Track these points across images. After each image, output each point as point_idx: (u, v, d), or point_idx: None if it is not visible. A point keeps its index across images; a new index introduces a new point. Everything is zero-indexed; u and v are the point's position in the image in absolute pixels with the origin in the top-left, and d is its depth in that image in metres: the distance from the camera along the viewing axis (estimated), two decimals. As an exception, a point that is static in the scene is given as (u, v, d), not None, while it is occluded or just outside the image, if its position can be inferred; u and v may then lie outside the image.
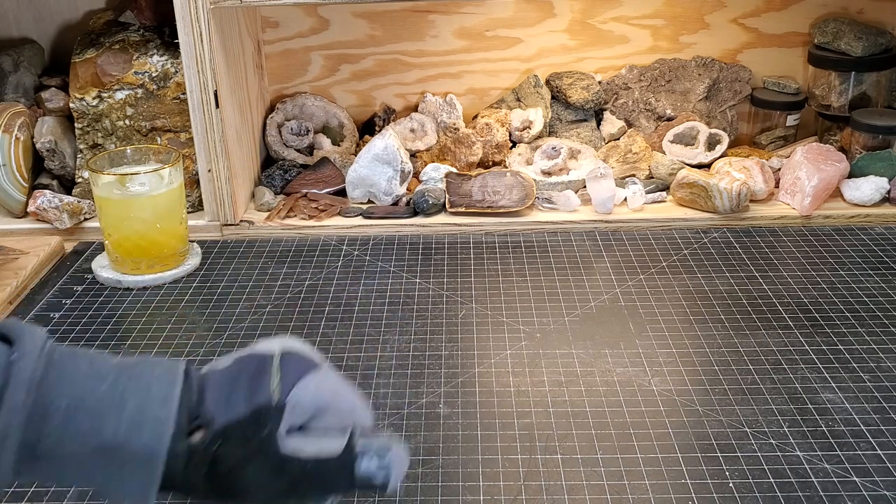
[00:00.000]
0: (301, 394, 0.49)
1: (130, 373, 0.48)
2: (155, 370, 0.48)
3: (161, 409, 0.47)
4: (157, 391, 0.48)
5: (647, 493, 0.62)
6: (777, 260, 0.96)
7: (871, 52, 1.14)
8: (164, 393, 0.48)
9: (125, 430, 0.46)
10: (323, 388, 0.50)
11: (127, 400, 0.47)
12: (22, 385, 0.45)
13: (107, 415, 0.47)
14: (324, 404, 0.50)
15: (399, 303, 0.89)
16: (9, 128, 1.06)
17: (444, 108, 1.22)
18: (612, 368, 0.77)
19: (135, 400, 0.47)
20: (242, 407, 0.48)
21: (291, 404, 0.49)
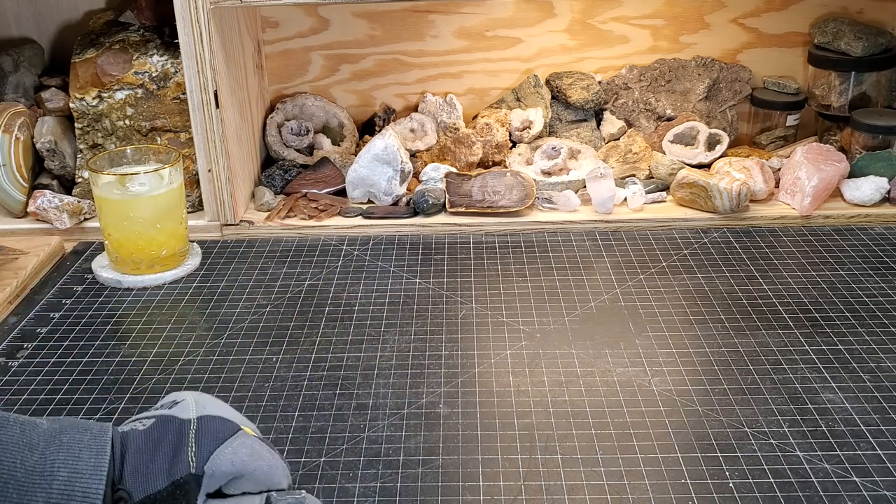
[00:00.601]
0: (218, 463, 0.51)
1: (60, 442, 0.49)
2: (84, 437, 0.49)
3: (90, 481, 0.48)
4: (85, 462, 0.48)
5: (646, 493, 0.62)
6: (777, 260, 0.96)
7: (871, 52, 1.15)
8: (94, 463, 0.48)
9: (55, 502, 0.47)
10: (240, 453, 0.52)
11: (57, 471, 0.47)
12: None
13: (37, 487, 0.47)
14: (241, 470, 0.51)
15: (399, 303, 0.89)
16: (9, 128, 1.06)
17: (444, 108, 1.22)
18: (612, 368, 0.77)
19: (65, 472, 0.47)
20: (161, 480, 0.49)
21: (209, 474, 0.50)
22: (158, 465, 0.50)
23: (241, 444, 0.52)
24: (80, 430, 0.50)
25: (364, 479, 0.64)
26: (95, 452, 0.49)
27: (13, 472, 0.47)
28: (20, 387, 0.77)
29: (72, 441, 0.49)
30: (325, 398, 0.74)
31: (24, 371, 0.79)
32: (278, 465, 0.53)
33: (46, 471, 0.47)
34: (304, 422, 0.71)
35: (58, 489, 0.47)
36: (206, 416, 0.53)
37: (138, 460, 0.50)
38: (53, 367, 0.79)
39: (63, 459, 0.48)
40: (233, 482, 0.51)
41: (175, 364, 0.80)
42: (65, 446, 0.49)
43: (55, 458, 0.48)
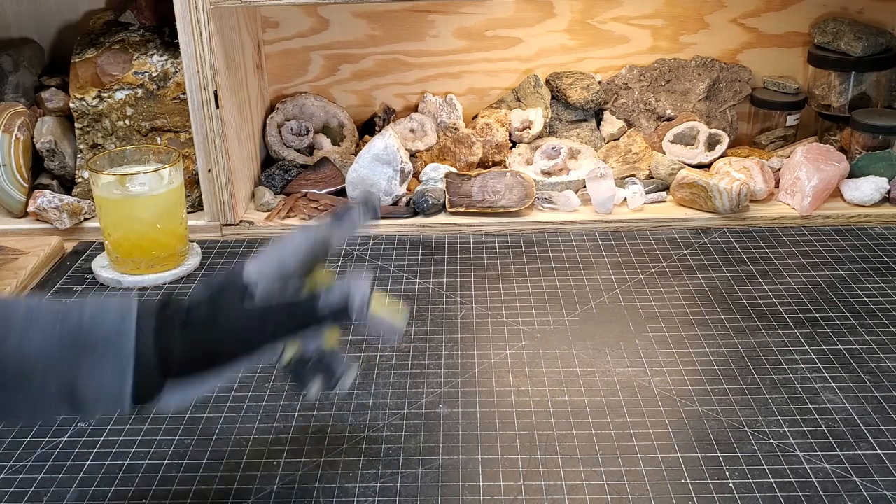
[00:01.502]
0: (249, 269, 0.53)
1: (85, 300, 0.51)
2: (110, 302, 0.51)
3: (121, 305, 0.50)
4: (113, 301, 0.51)
5: (647, 493, 0.62)
6: (777, 260, 0.96)
7: (871, 52, 1.15)
8: (121, 301, 0.50)
9: (88, 317, 0.48)
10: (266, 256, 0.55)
11: (85, 305, 0.49)
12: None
13: (69, 313, 0.48)
14: (273, 269, 0.54)
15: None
16: (9, 128, 1.06)
17: (444, 108, 1.22)
18: (612, 368, 0.77)
19: (92, 303, 0.49)
20: (210, 289, 0.52)
21: (246, 280, 0.53)
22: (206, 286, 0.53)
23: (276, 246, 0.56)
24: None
25: (364, 479, 0.64)
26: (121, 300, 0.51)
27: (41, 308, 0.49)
28: (20, 387, 0.77)
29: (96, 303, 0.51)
30: (325, 398, 0.74)
31: (24, 371, 0.79)
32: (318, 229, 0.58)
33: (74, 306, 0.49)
34: (304, 422, 0.71)
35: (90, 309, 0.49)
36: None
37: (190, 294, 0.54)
38: (53, 367, 0.79)
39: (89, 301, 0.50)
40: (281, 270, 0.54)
41: (175, 364, 0.80)
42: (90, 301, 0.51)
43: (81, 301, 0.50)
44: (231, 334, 0.50)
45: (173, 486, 0.64)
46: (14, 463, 0.67)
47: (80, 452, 0.68)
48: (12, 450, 0.69)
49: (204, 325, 0.50)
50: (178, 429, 0.71)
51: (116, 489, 0.64)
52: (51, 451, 0.68)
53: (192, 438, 0.69)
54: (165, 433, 0.70)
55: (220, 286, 0.52)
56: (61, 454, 0.68)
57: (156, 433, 0.70)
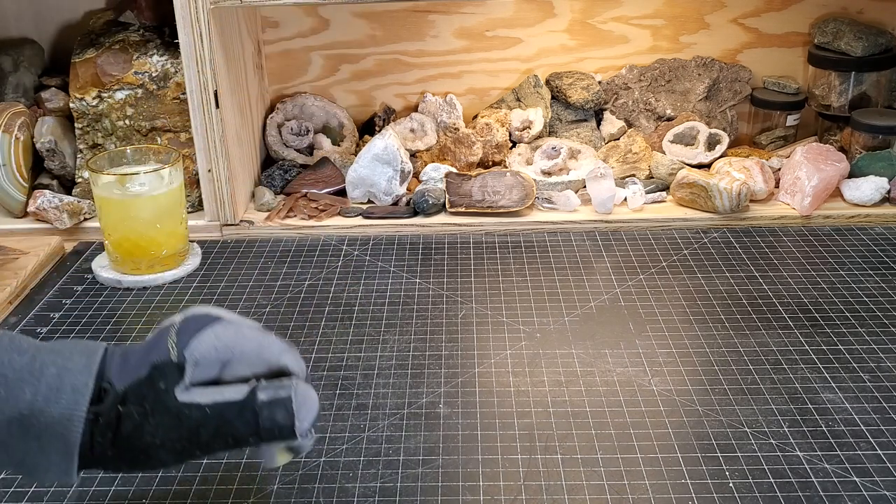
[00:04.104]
0: (199, 347, 0.48)
1: (51, 347, 0.48)
2: (76, 346, 0.49)
3: (79, 376, 0.47)
4: (76, 362, 0.48)
5: (647, 493, 0.62)
6: (777, 260, 0.96)
7: (871, 52, 1.15)
8: (84, 362, 0.48)
9: (43, 397, 0.46)
10: (222, 337, 0.49)
11: (46, 369, 0.47)
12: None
13: (25, 383, 0.46)
14: (226, 353, 0.49)
15: (399, 303, 0.89)
16: (9, 128, 1.06)
17: (444, 108, 1.22)
18: (612, 368, 0.77)
19: (54, 369, 0.47)
20: (142, 369, 0.48)
21: (192, 361, 0.48)
22: (139, 358, 0.49)
23: (224, 328, 0.50)
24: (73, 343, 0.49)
25: (364, 479, 0.64)
26: (86, 355, 0.48)
27: (1, 370, 0.46)
28: (20, 387, 0.77)
29: (63, 347, 0.48)
30: (325, 398, 0.74)
31: (24, 371, 0.79)
32: (272, 344, 0.51)
33: (36, 370, 0.47)
34: (304, 422, 0.71)
35: (46, 384, 0.46)
36: (190, 315, 0.51)
37: (122, 360, 0.49)
38: (53, 367, 0.79)
39: (53, 360, 0.47)
40: (226, 369, 0.49)
41: (175, 364, 0.80)
42: (55, 350, 0.48)
43: (45, 359, 0.47)
44: (159, 449, 0.47)
45: (173, 486, 0.64)
46: (14, 463, 0.67)
47: (80, 452, 0.68)
48: (12, 450, 0.68)
49: (132, 438, 0.47)
50: (178, 429, 0.71)
51: (116, 489, 0.64)
52: (51, 451, 0.68)
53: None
54: (165, 433, 0.70)
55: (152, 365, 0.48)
56: (61, 454, 0.68)
57: (156, 433, 0.70)
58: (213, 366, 0.49)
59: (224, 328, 0.50)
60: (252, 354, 0.50)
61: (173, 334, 0.50)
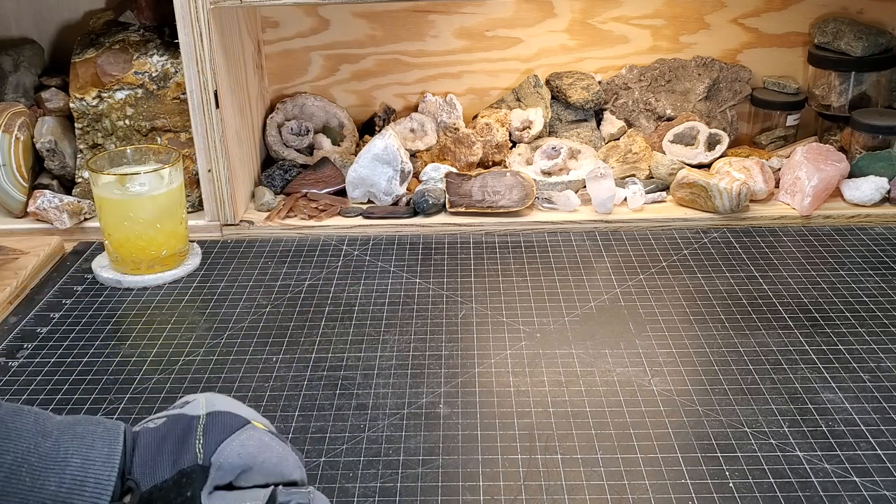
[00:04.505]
0: (225, 454, 0.51)
1: (73, 431, 0.49)
2: (97, 429, 0.50)
3: (102, 469, 0.48)
4: (98, 451, 0.49)
5: (647, 493, 0.62)
6: (777, 260, 0.96)
7: (871, 52, 1.15)
8: (107, 452, 0.49)
9: (67, 488, 0.47)
10: (247, 445, 0.52)
11: (70, 458, 0.48)
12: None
13: (50, 472, 0.47)
14: (249, 462, 0.51)
15: (399, 303, 0.89)
16: (9, 128, 1.06)
17: (444, 108, 1.22)
18: (612, 368, 0.77)
19: (78, 459, 0.48)
20: (167, 470, 0.50)
21: (216, 466, 0.50)
22: (166, 456, 0.50)
23: (249, 437, 0.52)
24: (93, 423, 0.50)
25: (364, 479, 0.64)
26: (108, 443, 0.49)
27: (27, 457, 0.48)
28: (20, 387, 0.77)
29: (85, 432, 0.49)
30: (325, 398, 0.74)
31: (24, 371, 0.79)
32: (289, 457, 0.53)
33: (60, 457, 0.48)
34: (304, 422, 0.71)
35: (70, 475, 0.47)
36: (215, 412, 0.53)
37: (147, 453, 0.50)
38: (53, 367, 0.79)
39: (76, 447, 0.49)
40: (242, 475, 0.51)
41: (175, 364, 0.80)
42: (78, 436, 0.49)
43: (69, 446, 0.48)
44: None
45: (173, 486, 0.64)
46: (14, 463, 0.67)
47: (80, 452, 0.68)
48: (12, 450, 0.68)
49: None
50: (178, 429, 0.71)
51: (116, 489, 0.64)
52: (51, 451, 0.68)
53: None
54: (165, 433, 0.70)
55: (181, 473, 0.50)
56: (61, 454, 0.68)
57: (156, 433, 0.70)
58: (233, 472, 0.51)
59: (249, 436, 0.52)
60: (271, 466, 0.52)
61: (199, 434, 0.51)
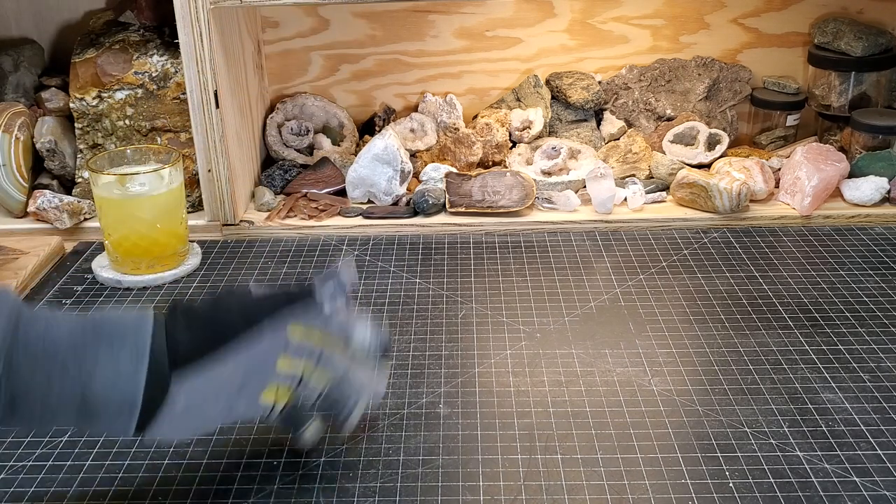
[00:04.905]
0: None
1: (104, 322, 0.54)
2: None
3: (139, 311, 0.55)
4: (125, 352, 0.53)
5: (647, 493, 0.62)
6: (777, 260, 0.96)
7: (871, 52, 1.15)
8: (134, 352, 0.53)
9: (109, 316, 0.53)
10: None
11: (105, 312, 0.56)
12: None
13: (89, 315, 0.53)
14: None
15: (399, 303, 0.89)
16: (9, 128, 1.06)
17: (444, 108, 1.22)
18: (612, 368, 0.77)
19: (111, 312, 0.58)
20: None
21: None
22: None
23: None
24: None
25: (364, 479, 0.64)
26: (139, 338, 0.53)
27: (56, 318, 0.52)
28: (20, 387, 0.77)
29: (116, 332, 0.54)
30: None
31: (24, 371, 0.79)
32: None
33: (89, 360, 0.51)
34: (304, 422, 0.71)
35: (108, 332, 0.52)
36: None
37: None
38: (53, 367, 0.79)
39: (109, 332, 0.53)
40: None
41: (175, 364, 0.80)
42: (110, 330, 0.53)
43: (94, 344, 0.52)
44: (229, 311, 0.54)
45: (173, 486, 0.64)
46: (14, 463, 0.67)
47: (80, 452, 0.68)
48: (12, 450, 0.69)
49: (206, 309, 0.55)
50: (178, 429, 0.71)
51: (116, 489, 0.64)
52: (51, 451, 0.68)
53: (192, 438, 0.69)
54: (165, 433, 0.70)
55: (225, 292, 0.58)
56: (61, 454, 0.68)
57: (156, 433, 0.70)
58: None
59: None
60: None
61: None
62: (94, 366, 0.50)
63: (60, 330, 0.51)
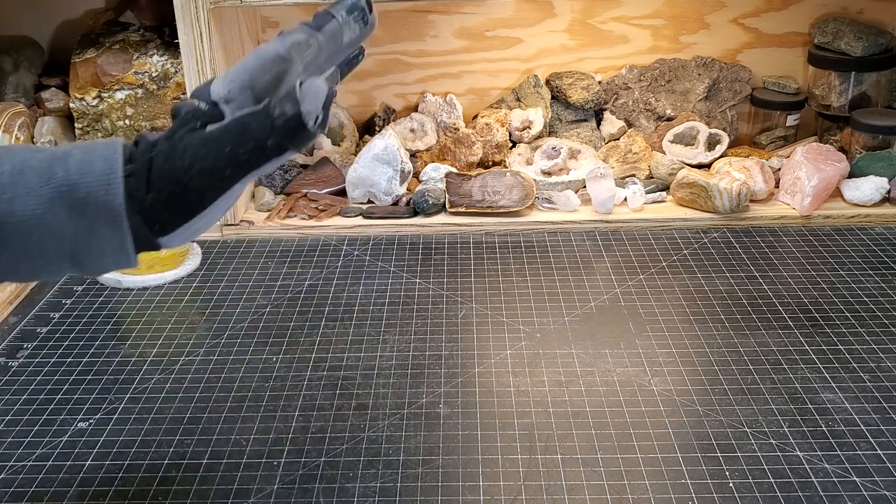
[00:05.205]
0: (216, 86, 0.49)
1: (70, 144, 0.49)
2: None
3: (107, 148, 0.47)
4: (99, 143, 0.48)
5: (647, 493, 0.62)
6: (777, 260, 0.96)
7: (871, 52, 1.14)
8: (107, 142, 0.48)
9: (75, 170, 0.46)
10: (231, 69, 0.50)
11: (71, 153, 0.47)
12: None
13: (54, 166, 0.47)
14: (244, 74, 0.49)
15: (399, 303, 0.89)
16: (9, 128, 1.06)
17: (444, 108, 1.22)
18: (612, 368, 0.77)
19: (79, 151, 0.47)
20: (170, 126, 0.49)
21: (220, 98, 0.49)
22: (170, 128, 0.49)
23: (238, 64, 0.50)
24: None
25: (364, 479, 0.64)
26: (110, 140, 0.48)
27: (27, 162, 0.47)
28: (20, 387, 0.77)
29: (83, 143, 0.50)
30: (325, 398, 0.74)
31: (24, 371, 0.79)
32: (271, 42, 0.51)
33: (59, 155, 0.47)
34: (304, 422, 0.71)
35: (76, 160, 0.47)
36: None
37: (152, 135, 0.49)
38: (53, 367, 0.79)
39: (76, 146, 0.48)
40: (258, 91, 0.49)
41: (175, 364, 0.80)
42: (76, 146, 0.49)
43: (67, 149, 0.48)
44: (189, 169, 0.46)
45: (173, 486, 0.64)
46: (14, 463, 0.67)
47: (80, 452, 0.68)
48: (12, 450, 0.69)
49: (164, 167, 0.47)
50: (178, 429, 0.71)
51: (116, 489, 0.64)
52: (51, 451, 0.68)
53: (192, 438, 0.69)
54: (165, 433, 0.70)
55: (183, 113, 0.49)
56: (61, 454, 0.68)
57: (156, 433, 0.70)
58: (245, 97, 0.49)
59: (238, 64, 0.50)
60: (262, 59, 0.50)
61: (191, 100, 0.50)
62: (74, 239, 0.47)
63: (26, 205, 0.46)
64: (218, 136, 0.47)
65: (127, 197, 0.46)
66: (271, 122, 0.47)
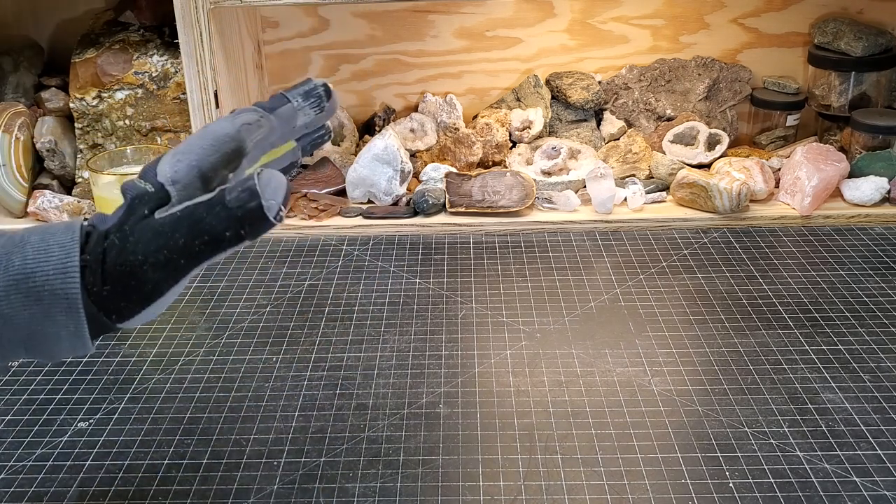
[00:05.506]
0: (163, 167, 0.48)
1: (28, 229, 0.48)
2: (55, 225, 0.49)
3: (64, 235, 0.47)
4: (56, 229, 0.47)
5: (647, 493, 0.62)
6: (777, 260, 0.96)
7: (871, 52, 1.15)
8: (64, 227, 0.47)
9: (32, 258, 0.46)
10: (178, 148, 0.49)
11: (27, 240, 0.47)
12: None
13: (12, 254, 0.46)
14: (191, 157, 0.48)
15: (399, 303, 0.89)
16: (9, 128, 1.06)
17: (444, 108, 1.22)
18: (612, 368, 0.77)
19: (36, 238, 0.47)
20: (119, 211, 0.48)
21: (167, 180, 0.47)
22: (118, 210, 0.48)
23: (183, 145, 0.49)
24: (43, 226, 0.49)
25: (364, 479, 0.64)
26: (66, 224, 0.48)
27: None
28: (20, 387, 0.77)
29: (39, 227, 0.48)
30: (325, 398, 0.74)
31: (24, 371, 0.79)
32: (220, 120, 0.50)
33: (17, 242, 0.46)
34: (304, 422, 0.71)
35: (32, 248, 0.46)
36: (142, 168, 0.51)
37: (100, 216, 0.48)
38: (53, 367, 0.79)
39: (32, 233, 0.47)
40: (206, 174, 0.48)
41: (175, 364, 0.80)
42: (32, 231, 0.48)
43: (24, 236, 0.47)
44: (143, 263, 0.46)
45: (173, 486, 0.64)
46: (14, 463, 0.67)
47: (80, 452, 0.68)
48: (12, 450, 0.69)
49: (117, 260, 0.46)
50: (178, 429, 0.71)
51: (116, 489, 0.64)
52: (51, 451, 0.68)
53: (192, 438, 0.69)
54: (165, 433, 0.70)
55: (129, 199, 0.48)
56: (61, 454, 0.68)
57: (156, 433, 0.70)
58: (192, 178, 0.48)
59: (183, 146, 0.49)
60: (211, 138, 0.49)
61: (138, 181, 0.49)
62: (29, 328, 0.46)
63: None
64: (170, 228, 0.47)
65: (83, 288, 0.46)
66: (228, 212, 0.46)
